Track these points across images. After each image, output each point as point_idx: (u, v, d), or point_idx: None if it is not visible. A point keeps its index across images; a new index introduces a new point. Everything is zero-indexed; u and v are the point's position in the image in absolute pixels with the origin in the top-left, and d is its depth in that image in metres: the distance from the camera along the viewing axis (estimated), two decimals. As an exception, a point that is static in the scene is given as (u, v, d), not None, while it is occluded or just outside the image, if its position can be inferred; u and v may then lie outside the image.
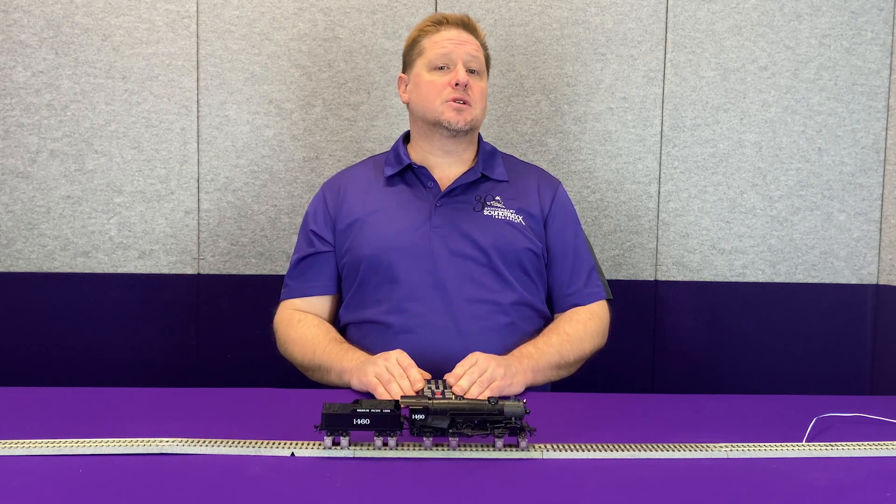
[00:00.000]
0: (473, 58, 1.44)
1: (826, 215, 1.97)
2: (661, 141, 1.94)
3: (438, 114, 1.42)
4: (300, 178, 1.91)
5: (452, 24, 1.46)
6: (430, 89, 1.43)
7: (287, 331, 1.43)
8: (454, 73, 1.41)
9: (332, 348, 1.35)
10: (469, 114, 1.42)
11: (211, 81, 1.88)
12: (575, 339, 1.40)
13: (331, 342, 1.36)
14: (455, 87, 1.41)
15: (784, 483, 0.90)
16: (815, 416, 1.10)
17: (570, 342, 1.39)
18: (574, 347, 1.39)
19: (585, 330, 1.42)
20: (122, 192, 1.88)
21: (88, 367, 1.88)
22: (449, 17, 1.47)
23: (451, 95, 1.41)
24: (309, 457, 0.94)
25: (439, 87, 1.42)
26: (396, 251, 1.39)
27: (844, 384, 1.98)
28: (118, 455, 0.93)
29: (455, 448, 0.96)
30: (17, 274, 1.87)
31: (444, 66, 1.43)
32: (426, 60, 1.45)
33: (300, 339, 1.40)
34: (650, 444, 0.99)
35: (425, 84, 1.44)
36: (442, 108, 1.42)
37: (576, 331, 1.41)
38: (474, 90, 1.43)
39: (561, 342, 1.38)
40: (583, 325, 1.42)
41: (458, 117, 1.42)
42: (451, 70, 1.43)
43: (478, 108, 1.44)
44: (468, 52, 1.44)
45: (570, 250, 1.49)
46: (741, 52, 1.93)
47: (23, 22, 1.85)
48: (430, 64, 1.44)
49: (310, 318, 1.44)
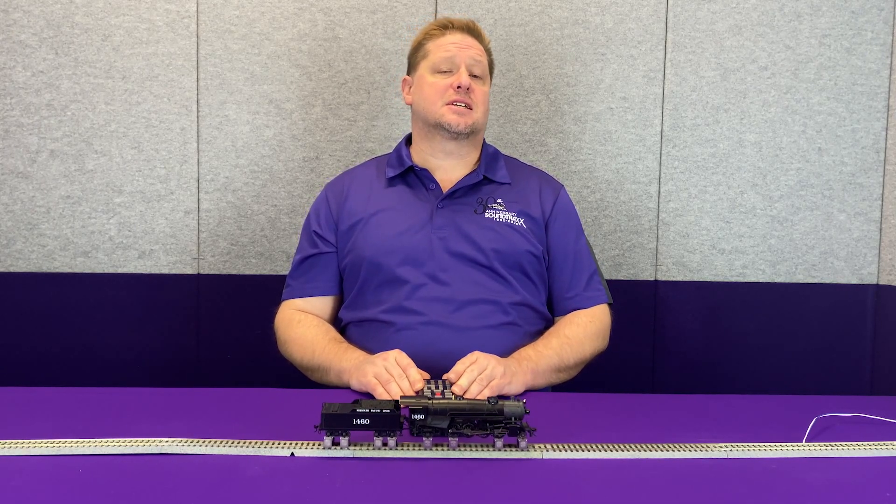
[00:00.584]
0: (476, 62, 1.45)
1: (826, 215, 1.97)
2: (661, 141, 1.94)
3: (439, 116, 1.43)
4: (300, 178, 1.91)
5: (457, 28, 1.48)
6: (432, 91, 1.44)
7: (287, 331, 1.44)
8: (457, 76, 1.43)
9: (331, 348, 1.35)
10: (470, 117, 1.43)
11: (211, 81, 1.88)
12: (575, 343, 1.40)
13: (330, 342, 1.37)
14: (457, 90, 1.42)
15: (784, 483, 0.90)
16: (815, 416, 1.10)
17: (570, 345, 1.39)
18: (574, 350, 1.39)
19: (586, 333, 1.42)
20: (122, 192, 1.88)
21: (88, 367, 1.88)
22: (454, 22, 1.49)
23: (453, 98, 1.42)
24: (309, 457, 0.94)
25: (441, 89, 1.43)
26: (398, 252, 1.40)
27: (844, 384, 1.97)
28: (118, 455, 0.93)
29: (455, 448, 0.96)
30: (17, 274, 1.87)
31: (448, 70, 1.44)
32: (430, 63, 1.46)
33: (299, 339, 1.40)
34: (650, 444, 0.99)
35: (428, 86, 1.45)
36: (443, 111, 1.43)
37: (576, 334, 1.41)
38: (476, 94, 1.44)
39: (561, 345, 1.38)
40: (583, 329, 1.43)
41: (458, 120, 1.42)
42: (454, 73, 1.44)
43: (479, 112, 1.45)
44: (471, 57, 1.45)
45: (570, 254, 1.49)
46: (741, 52, 1.93)
47: (23, 22, 1.85)
48: (434, 67, 1.45)
49: (310, 319, 1.44)
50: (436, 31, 1.49)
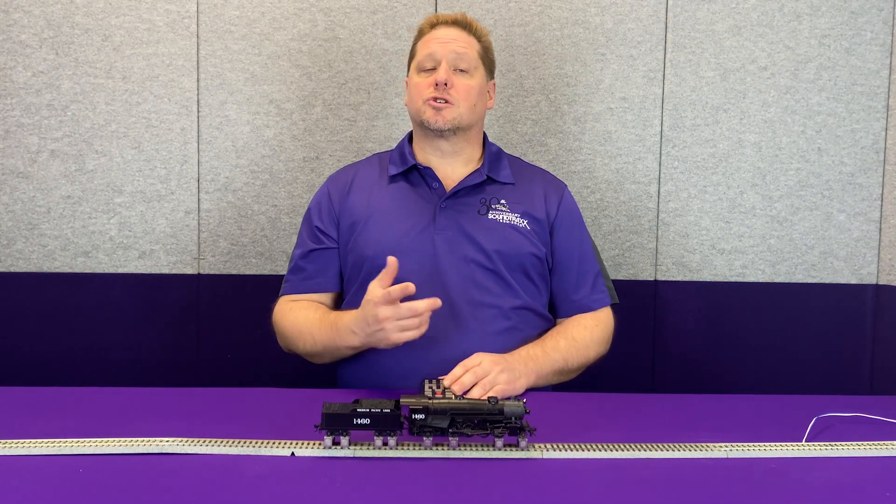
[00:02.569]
0: (459, 56, 1.43)
1: (826, 215, 1.97)
2: (661, 141, 1.94)
3: (421, 114, 1.43)
4: (300, 178, 1.91)
5: (443, 23, 1.47)
6: (415, 91, 1.45)
7: (282, 321, 1.43)
8: (435, 74, 1.42)
9: (328, 321, 1.35)
10: (449, 113, 1.41)
11: (211, 81, 1.88)
12: (581, 346, 1.40)
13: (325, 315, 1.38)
14: (435, 87, 1.41)
15: (784, 483, 0.90)
16: (815, 416, 1.10)
17: (576, 348, 1.39)
18: (580, 353, 1.39)
19: (592, 337, 1.43)
20: (123, 192, 1.88)
21: (88, 367, 1.88)
22: (441, 17, 1.48)
23: (431, 95, 1.42)
24: (309, 456, 0.94)
25: (422, 87, 1.43)
26: (400, 253, 1.39)
27: (844, 384, 1.97)
28: (118, 455, 0.93)
29: (455, 448, 0.96)
30: (17, 274, 1.87)
31: (432, 67, 1.44)
32: (416, 62, 1.47)
33: (296, 326, 1.40)
34: (650, 444, 0.99)
35: (413, 86, 1.46)
36: (423, 108, 1.43)
37: (583, 337, 1.41)
38: (458, 89, 1.42)
39: (568, 347, 1.38)
40: (589, 332, 1.43)
41: (436, 116, 1.41)
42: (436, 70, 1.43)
43: (462, 107, 1.43)
44: (453, 51, 1.43)
45: (576, 256, 1.48)
46: (741, 52, 1.93)
47: (23, 22, 1.85)
48: (419, 66, 1.46)
49: (301, 304, 1.43)
50: (426, 28, 1.49)
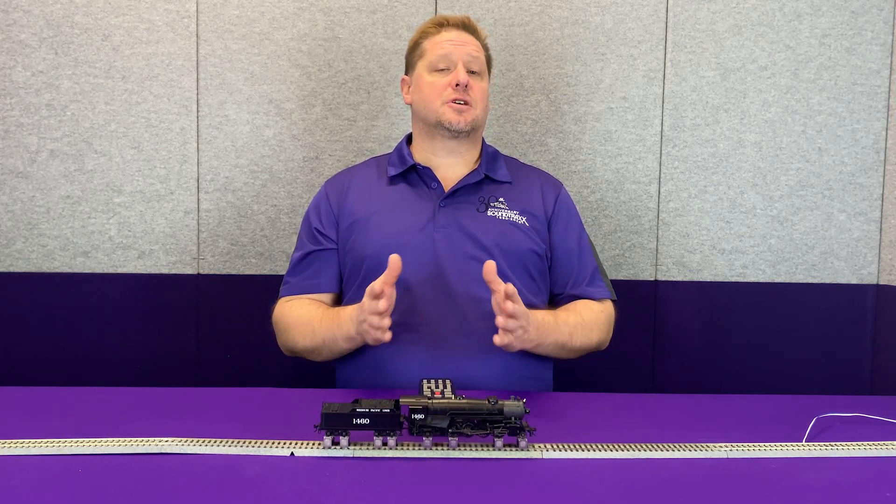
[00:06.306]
0: (474, 58, 1.45)
1: (826, 215, 1.97)
2: (661, 141, 1.94)
3: (439, 115, 1.43)
4: (300, 178, 1.91)
5: (453, 25, 1.48)
6: (430, 91, 1.44)
7: (282, 320, 1.44)
8: (455, 74, 1.42)
9: (328, 317, 1.36)
10: (470, 114, 1.43)
11: (211, 81, 1.88)
12: (587, 325, 1.41)
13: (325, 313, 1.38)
14: (455, 88, 1.42)
15: (784, 483, 0.90)
16: (815, 416, 1.10)
17: (582, 326, 1.40)
18: (584, 333, 1.40)
19: (597, 320, 1.43)
20: (122, 192, 1.88)
21: (88, 367, 1.88)
22: (449, 19, 1.49)
23: (452, 96, 1.42)
24: (309, 456, 0.94)
25: (440, 88, 1.43)
26: (400, 251, 1.39)
27: (844, 384, 1.97)
28: (118, 455, 0.93)
29: (455, 448, 0.96)
30: (17, 274, 1.87)
31: (445, 68, 1.44)
32: (427, 62, 1.46)
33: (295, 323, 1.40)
34: (650, 444, 0.99)
35: (426, 85, 1.45)
36: (443, 109, 1.43)
37: (590, 317, 1.42)
38: (475, 91, 1.44)
39: (576, 324, 1.39)
40: (595, 315, 1.44)
41: (458, 118, 1.42)
42: (451, 71, 1.44)
43: (479, 109, 1.45)
44: (468, 53, 1.45)
45: (573, 252, 1.49)
46: (741, 52, 1.93)
47: (23, 22, 1.85)
48: (431, 65, 1.45)
49: (300, 301, 1.44)
50: (432, 28, 1.49)
